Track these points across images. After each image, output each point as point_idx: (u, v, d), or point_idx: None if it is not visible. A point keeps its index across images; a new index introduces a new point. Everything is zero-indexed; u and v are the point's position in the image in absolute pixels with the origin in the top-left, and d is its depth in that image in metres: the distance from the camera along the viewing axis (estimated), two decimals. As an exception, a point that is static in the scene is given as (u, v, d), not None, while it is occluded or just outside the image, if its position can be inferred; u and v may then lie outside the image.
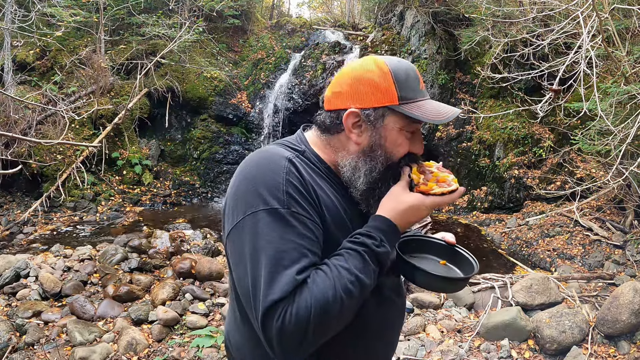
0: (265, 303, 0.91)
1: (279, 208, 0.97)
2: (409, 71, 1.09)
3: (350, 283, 0.95)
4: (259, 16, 13.25)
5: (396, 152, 1.10)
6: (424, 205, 1.06)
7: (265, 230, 0.96)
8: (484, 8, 7.30)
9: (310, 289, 0.93)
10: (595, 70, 3.87)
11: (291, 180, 1.01)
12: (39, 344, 3.78)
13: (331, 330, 0.98)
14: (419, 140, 1.14)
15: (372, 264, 1.00)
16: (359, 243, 1.01)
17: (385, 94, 1.06)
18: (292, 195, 0.99)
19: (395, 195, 1.08)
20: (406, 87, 1.07)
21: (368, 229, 1.05)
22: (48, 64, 9.30)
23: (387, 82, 1.06)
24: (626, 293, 3.85)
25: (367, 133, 1.09)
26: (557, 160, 8.19)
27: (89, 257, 5.36)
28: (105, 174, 8.73)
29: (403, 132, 1.09)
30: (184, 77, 10.08)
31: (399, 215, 1.06)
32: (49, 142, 3.74)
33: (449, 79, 10.15)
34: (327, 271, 0.96)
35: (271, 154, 1.06)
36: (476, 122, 9.60)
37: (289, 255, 0.94)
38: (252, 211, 0.98)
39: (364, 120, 1.08)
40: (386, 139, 1.09)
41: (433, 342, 3.89)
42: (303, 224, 0.98)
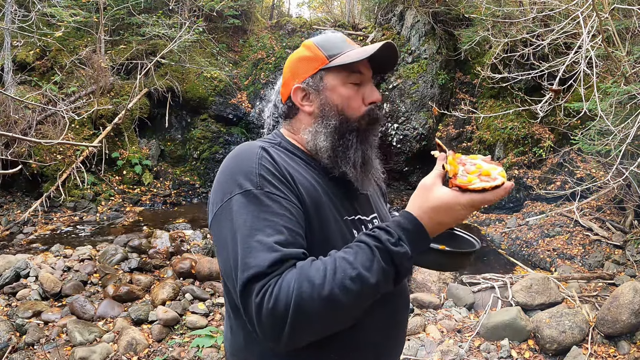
0: (242, 279, 0.88)
1: (252, 189, 0.97)
2: (331, 37, 1.18)
3: (349, 279, 0.86)
4: (259, 16, 13.24)
5: (347, 104, 1.13)
6: (459, 203, 0.91)
7: (241, 211, 0.96)
8: (484, 8, 7.30)
9: (299, 273, 0.87)
10: (595, 70, 3.87)
11: (263, 163, 1.02)
12: (39, 344, 3.78)
13: (319, 327, 0.89)
14: (370, 89, 1.16)
15: (383, 263, 0.89)
16: (373, 237, 0.92)
17: (315, 61, 1.14)
18: (264, 176, 1.00)
19: (424, 189, 0.96)
20: (331, 47, 1.14)
21: (388, 224, 0.95)
22: (48, 64, 9.30)
23: (313, 51, 1.15)
24: (626, 293, 3.85)
25: (315, 99, 1.14)
26: (557, 160, 8.19)
27: (89, 257, 5.36)
28: (105, 174, 8.73)
29: (347, 85, 1.13)
30: (184, 77, 10.08)
31: (427, 214, 0.94)
32: (49, 142, 3.74)
33: (449, 79, 10.15)
34: (326, 261, 0.90)
35: (246, 146, 1.09)
36: (476, 122, 9.60)
37: (263, 232, 0.92)
38: (228, 197, 0.99)
39: (308, 90, 1.15)
40: (333, 97, 1.13)
41: (433, 342, 3.89)
42: (277, 202, 0.97)
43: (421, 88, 9.94)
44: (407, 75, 10.11)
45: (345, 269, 0.87)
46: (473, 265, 6.34)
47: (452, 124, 9.99)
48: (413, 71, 10.09)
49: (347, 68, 1.12)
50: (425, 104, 9.87)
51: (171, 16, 10.36)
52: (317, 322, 0.87)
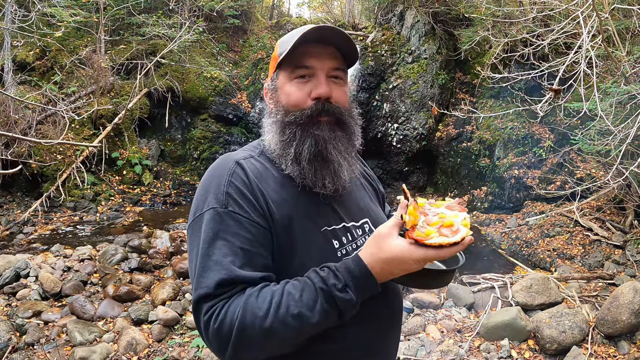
0: (195, 296, 0.95)
1: (218, 207, 1.00)
2: (294, 31, 1.12)
3: (291, 316, 0.90)
4: (259, 16, 13.24)
5: (289, 100, 1.11)
6: (412, 258, 0.90)
7: (204, 228, 1.00)
8: (484, 8, 7.30)
9: (245, 302, 0.91)
10: (595, 70, 3.87)
11: (233, 181, 1.03)
12: (39, 344, 3.78)
13: (261, 351, 0.93)
14: (318, 82, 1.10)
15: (326, 305, 0.91)
16: (321, 278, 0.94)
17: (275, 59, 1.15)
18: (231, 195, 1.01)
19: (378, 238, 0.94)
20: (285, 44, 1.11)
21: (338, 267, 0.95)
22: (48, 64, 9.30)
23: (275, 49, 1.16)
24: (626, 293, 3.85)
25: (272, 98, 1.17)
26: (557, 160, 8.19)
27: (89, 257, 5.36)
28: (105, 174, 8.72)
29: (292, 81, 1.12)
30: (184, 77, 10.08)
31: (378, 264, 0.93)
32: (49, 142, 3.74)
33: (449, 79, 10.15)
34: (274, 293, 0.93)
35: (223, 160, 1.10)
36: (476, 122, 9.60)
37: (219, 252, 0.96)
38: (199, 213, 1.03)
39: (270, 89, 1.18)
40: (281, 95, 1.14)
41: (433, 342, 3.89)
42: (238, 222, 0.99)
43: (421, 88, 9.94)
44: (407, 75, 10.10)
45: (289, 305, 0.91)
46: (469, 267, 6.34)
47: (452, 124, 9.99)
48: (413, 71, 10.09)
49: (291, 63, 1.11)
50: (425, 104, 9.87)
51: (171, 16, 10.36)
52: (258, 348, 0.93)
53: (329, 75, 1.12)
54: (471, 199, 9.18)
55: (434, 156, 10.11)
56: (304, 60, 1.10)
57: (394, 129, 9.99)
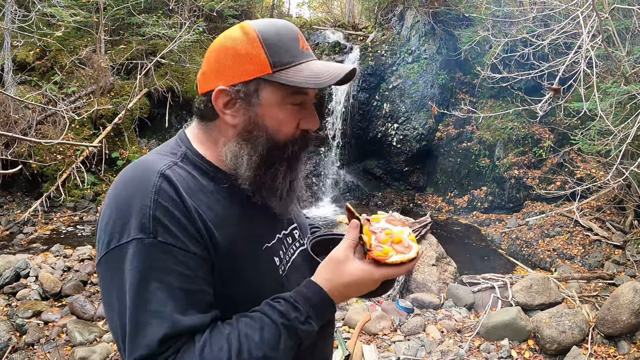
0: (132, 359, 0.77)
1: (144, 238, 0.79)
2: (282, 30, 0.91)
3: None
4: (259, 16, 13.24)
5: (279, 129, 0.92)
6: (372, 279, 0.86)
7: (128, 267, 0.79)
8: (484, 8, 7.30)
9: (200, 356, 0.77)
10: (595, 70, 3.87)
11: (160, 201, 0.81)
12: (39, 344, 3.78)
13: None
14: (310, 114, 0.95)
15: (290, 341, 0.83)
16: (280, 313, 0.84)
17: (255, 64, 0.88)
18: (160, 220, 0.80)
19: (336, 263, 0.88)
20: (280, 51, 0.88)
21: (295, 297, 0.86)
22: (48, 64, 9.29)
23: (255, 48, 0.88)
24: (626, 293, 3.85)
25: (242, 112, 0.91)
26: (557, 160, 8.19)
27: (89, 257, 5.36)
28: (105, 174, 8.72)
29: (286, 105, 0.91)
30: (184, 77, 10.08)
31: (337, 289, 0.88)
32: (49, 142, 3.74)
33: (449, 79, 10.16)
34: (230, 338, 0.80)
35: (142, 170, 0.87)
36: (476, 122, 9.60)
37: (155, 298, 0.77)
38: (116, 244, 0.81)
39: (235, 98, 0.90)
40: (264, 117, 0.90)
41: (433, 342, 3.89)
42: (173, 256, 0.80)
43: (421, 88, 9.94)
44: (407, 75, 10.11)
45: (251, 350, 0.80)
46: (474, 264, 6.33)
47: (452, 124, 9.99)
48: (413, 71, 10.09)
49: (293, 87, 0.89)
50: (425, 104, 9.87)
51: (171, 16, 10.36)
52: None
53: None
54: (471, 199, 9.18)
55: (434, 156, 10.11)
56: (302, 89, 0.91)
57: (394, 129, 9.99)
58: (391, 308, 4.40)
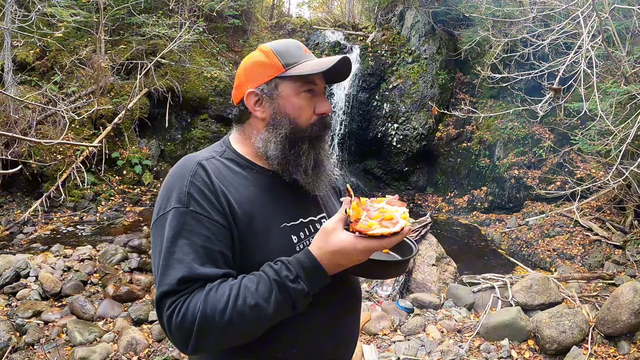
0: (157, 292, 1.00)
1: (180, 207, 1.05)
2: (289, 44, 1.21)
3: (249, 307, 0.97)
4: (259, 16, 13.24)
5: (299, 114, 1.17)
6: (356, 249, 0.99)
7: (167, 227, 1.04)
8: (484, 8, 7.30)
9: (206, 296, 0.98)
10: (595, 70, 3.87)
11: (194, 182, 1.08)
12: (39, 344, 3.78)
13: (222, 342, 1.01)
14: (322, 100, 1.20)
15: (280, 297, 0.99)
16: (274, 271, 1.01)
17: (271, 68, 1.17)
18: (192, 195, 1.06)
19: (325, 232, 1.03)
20: (288, 56, 1.18)
21: (290, 260, 1.03)
22: (48, 64, 9.29)
23: (270, 58, 1.18)
24: (626, 293, 3.84)
25: (268, 106, 1.18)
26: (557, 160, 8.19)
27: (89, 257, 5.36)
28: (105, 174, 8.72)
29: (301, 94, 1.17)
30: (184, 77, 10.08)
31: (326, 256, 1.01)
32: (49, 142, 3.74)
33: (449, 79, 10.16)
34: (232, 287, 0.99)
35: (185, 161, 1.15)
36: (476, 122, 9.60)
37: (181, 250, 1.01)
38: (161, 213, 1.08)
39: (261, 95, 1.18)
40: (285, 106, 1.17)
41: (433, 342, 3.89)
42: (200, 222, 1.04)
43: (421, 88, 9.94)
44: (407, 75, 10.10)
45: (246, 297, 0.98)
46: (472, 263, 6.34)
47: (452, 124, 9.99)
48: (413, 71, 10.09)
49: (302, 78, 1.16)
50: (425, 104, 9.87)
51: (171, 16, 10.35)
52: (219, 339, 1.00)
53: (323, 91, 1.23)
54: (471, 199, 9.18)
55: (434, 156, 10.11)
56: (313, 78, 1.17)
57: (394, 129, 9.99)
58: (391, 308, 4.40)
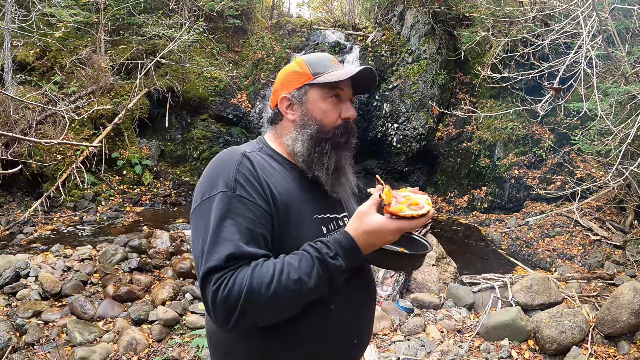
0: (204, 269, 1.06)
1: (227, 191, 1.13)
2: (320, 56, 1.34)
3: (292, 281, 1.04)
4: (259, 16, 13.24)
5: (325, 117, 1.29)
6: (389, 229, 1.09)
7: (214, 209, 1.12)
8: (484, 8, 7.30)
9: (252, 272, 1.04)
10: (595, 70, 3.87)
11: (241, 170, 1.17)
12: (39, 344, 3.78)
13: (264, 316, 1.08)
14: (347, 106, 1.31)
15: (321, 271, 1.07)
16: (315, 249, 1.10)
17: (302, 76, 1.30)
18: (239, 181, 1.15)
19: (360, 214, 1.12)
20: (318, 66, 1.30)
21: (329, 239, 1.12)
22: (48, 64, 9.29)
23: (302, 67, 1.31)
24: (626, 293, 3.84)
25: (298, 109, 1.30)
26: (557, 160, 8.19)
27: (89, 257, 5.36)
28: (105, 174, 8.72)
29: (328, 99, 1.29)
30: (184, 77, 10.08)
31: (361, 235, 1.11)
32: (49, 142, 3.73)
33: (449, 79, 10.15)
34: (276, 263, 1.07)
35: (230, 152, 1.24)
36: (476, 122, 9.60)
37: (228, 230, 1.08)
38: (207, 196, 1.15)
39: (292, 100, 1.30)
40: (313, 109, 1.29)
41: (433, 342, 3.89)
42: (245, 205, 1.12)
43: (421, 88, 9.94)
44: (407, 75, 10.10)
45: (290, 272, 1.05)
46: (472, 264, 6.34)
47: (452, 124, 9.99)
48: (413, 71, 10.09)
49: (329, 85, 1.28)
50: (426, 104, 9.87)
51: (171, 16, 10.36)
52: (262, 312, 1.06)
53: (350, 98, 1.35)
54: (471, 199, 9.18)
55: (434, 156, 10.11)
56: (339, 85, 1.29)
57: (394, 129, 9.99)
58: (391, 308, 4.40)
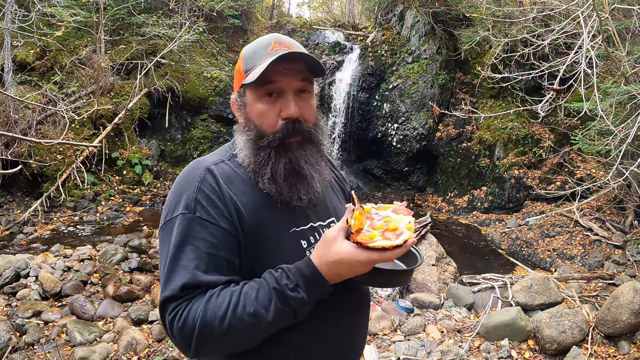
0: (161, 297, 1.02)
1: (187, 213, 1.05)
2: (259, 44, 1.15)
3: (247, 315, 0.97)
4: (259, 16, 13.24)
5: (263, 120, 1.12)
6: (357, 260, 0.95)
7: (174, 233, 1.05)
8: (484, 8, 7.30)
9: (206, 303, 0.98)
10: (595, 70, 3.87)
11: (202, 188, 1.08)
12: (39, 344, 3.78)
13: (221, 347, 1.03)
14: (287, 103, 1.11)
15: (279, 304, 0.98)
16: (274, 279, 1.00)
17: (240, 75, 1.16)
18: (199, 201, 1.06)
19: (326, 241, 0.99)
20: (251, 59, 1.13)
21: (290, 268, 1.02)
22: (48, 64, 9.29)
23: (239, 64, 1.17)
24: (626, 293, 3.84)
25: (241, 113, 1.18)
26: (557, 160, 8.19)
27: (89, 257, 5.36)
28: (105, 174, 8.72)
29: (262, 99, 1.12)
30: (184, 77, 10.08)
31: (326, 265, 0.98)
32: (49, 142, 3.73)
33: (449, 79, 10.15)
34: (232, 293, 0.99)
35: (194, 166, 1.15)
36: (476, 122, 9.59)
37: (186, 256, 1.02)
38: (170, 217, 1.08)
39: (237, 103, 1.19)
40: (252, 112, 1.15)
41: (433, 342, 3.89)
42: (206, 229, 1.04)
43: (421, 88, 9.94)
44: (407, 75, 10.10)
45: (246, 304, 0.97)
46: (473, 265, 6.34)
47: (452, 124, 9.99)
48: (413, 71, 10.09)
49: (259, 82, 1.09)
50: (426, 104, 9.87)
51: (171, 16, 10.36)
52: (218, 344, 1.01)
53: (296, 91, 1.13)
54: (471, 199, 9.18)
55: (434, 156, 10.10)
56: (271, 76, 1.09)
57: (394, 129, 9.99)
58: (391, 308, 4.40)
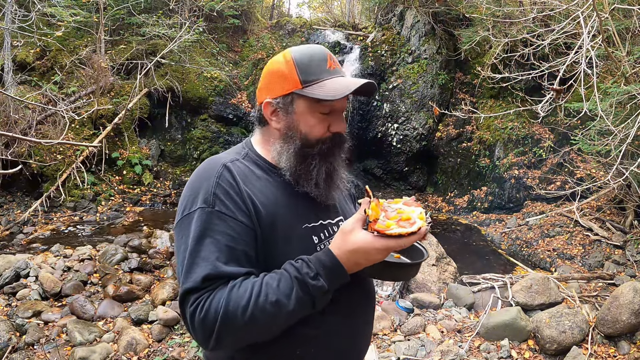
0: (181, 289, 1.03)
1: (205, 207, 1.07)
2: (314, 55, 1.17)
3: (270, 304, 0.98)
4: (259, 16, 13.24)
5: (311, 131, 1.17)
6: (374, 248, 0.99)
7: (193, 226, 1.06)
8: (484, 8, 7.30)
9: (229, 293, 0.99)
10: (595, 70, 3.87)
11: (221, 183, 1.10)
12: (39, 343, 3.78)
13: (243, 338, 1.03)
14: (338, 120, 1.20)
15: (301, 293, 1.00)
16: (295, 268, 1.03)
17: (290, 82, 1.15)
18: (218, 196, 1.08)
19: (343, 233, 1.04)
20: (308, 71, 1.14)
21: (310, 258, 1.05)
22: (48, 64, 9.29)
23: (289, 70, 1.15)
24: (626, 293, 3.84)
25: (282, 118, 1.18)
26: (557, 160, 8.19)
27: (89, 257, 5.36)
28: (105, 174, 8.72)
29: (315, 114, 1.16)
30: (184, 77, 10.08)
31: (345, 254, 1.03)
32: (49, 142, 3.74)
33: (449, 79, 10.15)
34: (255, 283, 1.01)
35: (210, 163, 1.17)
36: (476, 122, 9.60)
37: (206, 249, 1.03)
38: (187, 212, 1.10)
39: (277, 107, 1.17)
40: (299, 122, 1.17)
41: (433, 342, 3.89)
42: (224, 222, 1.06)
43: (421, 88, 9.94)
44: (407, 75, 10.10)
45: (268, 294, 0.99)
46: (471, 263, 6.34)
47: (452, 124, 9.99)
48: (413, 71, 10.09)
49: (319, 99, 1.14)
50: (426, 104, 9.87)
51: (171, 16, 10.36)
52: (240, 335, 1.01)
53: (344, 110, 1.24)
54: (471, 199, 9.18)
55: (434, 156, 10.11)
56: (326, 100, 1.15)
57: (394, 129, 9.99)
58: (391, 308, 4.40)
